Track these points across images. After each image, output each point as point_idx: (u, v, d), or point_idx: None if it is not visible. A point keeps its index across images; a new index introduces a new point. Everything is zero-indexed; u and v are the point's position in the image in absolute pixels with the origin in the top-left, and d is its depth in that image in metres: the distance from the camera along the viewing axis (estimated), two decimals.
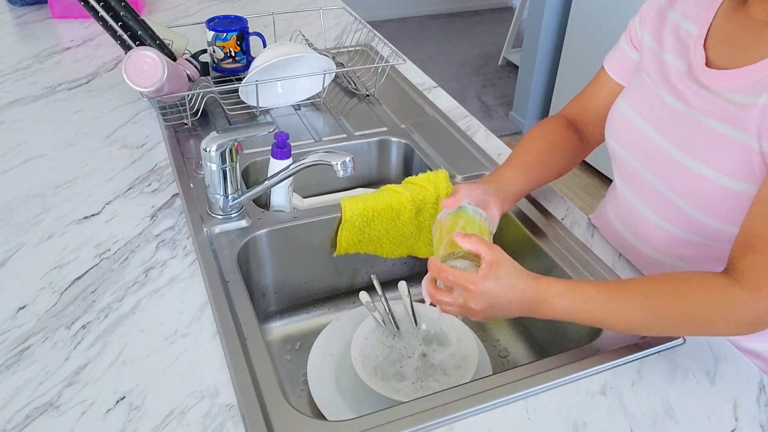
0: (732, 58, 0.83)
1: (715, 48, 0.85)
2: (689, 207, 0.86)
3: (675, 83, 0.89)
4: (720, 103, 0.82)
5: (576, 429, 0.73)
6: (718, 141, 0.81)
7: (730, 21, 0.85)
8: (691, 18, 0.89)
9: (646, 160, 0.92)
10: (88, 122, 1.28)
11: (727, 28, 0.85)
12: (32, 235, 0.98)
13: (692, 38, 0.88)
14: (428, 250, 1.15)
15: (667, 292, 0.77)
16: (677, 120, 0.87)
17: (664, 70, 0.91)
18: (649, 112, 0.92)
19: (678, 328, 0.80)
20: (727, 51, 0.84)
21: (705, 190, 0.83)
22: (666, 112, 0.89)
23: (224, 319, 0.84)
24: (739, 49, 0.82)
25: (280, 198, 1.11)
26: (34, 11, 1.80)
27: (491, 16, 4.89)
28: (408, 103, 1.42)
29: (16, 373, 0.76)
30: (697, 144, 0.84)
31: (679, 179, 0.86)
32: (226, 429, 0.71)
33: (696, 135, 0.84)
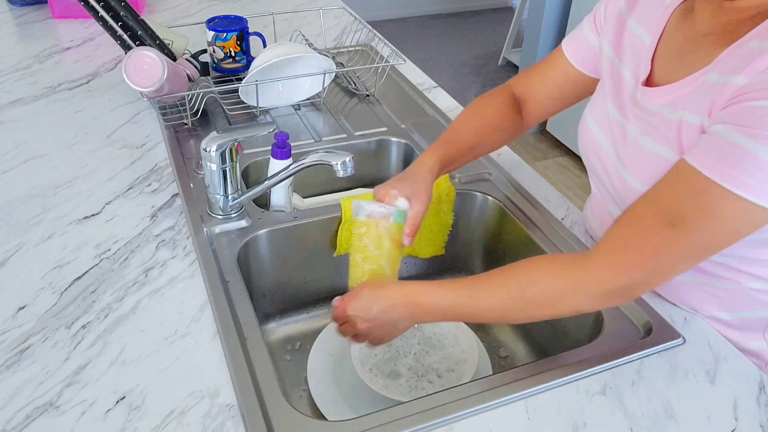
0: (669, 72, 0.81)
1: (661, 61, 0.83)
2: None
3: (620, 96, 0.87)
4: (650, 119, 0.81)
5: (576, 429, 0.73)
6: (648, 157, 0.80)
7: (677, 32, 0.82)
8: (645, 25, 0.86)
9: (605, 174, 0.91)
10: (88, 122, 1.28)
11: (674, 38, 0.82)
12: (32, 235, 0.98)
13: (644, 48, 0.85)
14: (428, 250, 1.16)
15: (513, 278, 0.77)
16: (619, 133, 0.86)
17: (617, 81, 0.89)
18: (602, 121, 0.91)
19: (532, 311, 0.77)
20: (668, 64, 0.82)
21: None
22: (610, 124, 0.89)
23: (224, 319, 0.84)
24: (676, 62, 0.80)
25: (280, 198, 1.11)
26: (34, 11, 1.80)
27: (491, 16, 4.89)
28: (408, 103, 1.43)
29: (16, 373, 0.76)
30: (632, 159, 0.83)
31: (622, 192, 0.86)
32: (226, 429, 0.71)
33: (631, 150, 0.83)
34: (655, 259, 0.70)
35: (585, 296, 0.73)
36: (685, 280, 0.88)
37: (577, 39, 0.99)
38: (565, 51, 1.00)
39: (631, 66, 0.87)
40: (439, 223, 1.14)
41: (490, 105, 1.04)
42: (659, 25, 0.84)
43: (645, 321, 0.87)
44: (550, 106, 1.04)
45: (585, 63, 0.98)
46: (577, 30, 1.00)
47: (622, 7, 0.91)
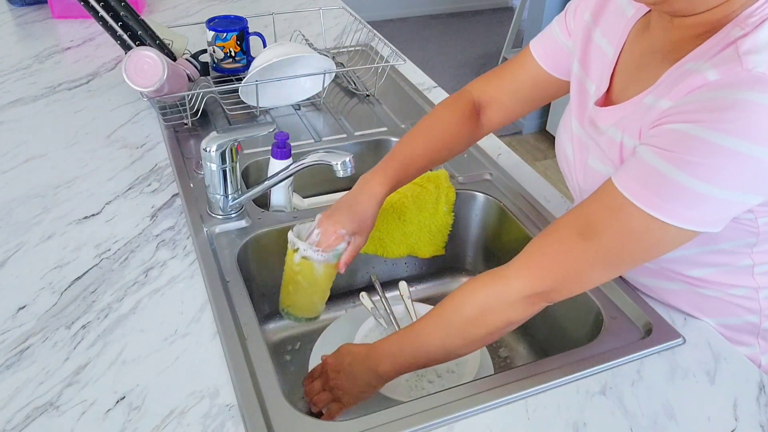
0: (625, 89, 0.80)
1: (619, 76, 0.82)
2: None
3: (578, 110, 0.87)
4: (598, 138, 0.81)
5: (576, 429, 0.73)
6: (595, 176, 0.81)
7: (635, 46, 0.80)
8: (609, 37, 0.84)
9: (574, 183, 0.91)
10: (88, 122, 1.28)
11: (633, 52, 0.80)
12: (32, 235, 0.98)
13: (607, 61, 0.83)
14: (428, 250, 1.16)
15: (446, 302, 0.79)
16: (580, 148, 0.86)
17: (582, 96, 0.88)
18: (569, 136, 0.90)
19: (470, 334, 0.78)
20: (625, 80, 0.80)
21: None
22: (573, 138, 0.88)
23: (224, 319, 0.84)
24: (632, 78, 0.79)
25: (280, 198, 1.11)
26: (34, 11, 1.80)
27: (491, 16, 4.89)
28: (408, 103, 1.42)
29: (16, 373, 0.76)
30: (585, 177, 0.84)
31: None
32: (226, 429, 0.71)
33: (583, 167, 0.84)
34: (564, 267, 0.72)
35: (508, 305, 0.75)
36: (674, 289, 0.88)
37: (546, 41, 0.95)
38: (534, 53, 0.96)
39: (596, 80, 0.85)
40: (439, 223, 1.14)
41: (445, 119, 1.00)
42: (621, 38, 0.82)
43: (645, 321, 0.87)
44: (517, 109, 1.00)
45: (555, 65, 0.95)
46: (547, 31, 0.97)
47: (587, 19, 0.88)
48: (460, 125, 1.00)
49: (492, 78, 1.02)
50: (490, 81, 1.02)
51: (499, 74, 1.01)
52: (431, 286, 1.21)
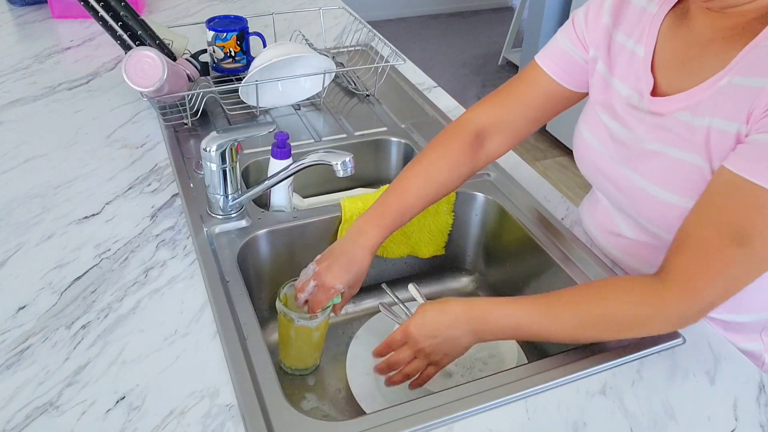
0: (678, 80, 0.80)
1: (663, 70, 0.82)
2: (656, 228, 0.85)
3: (620, 112, 0.86)
4: (668, 125, 0.80)
5: (576, 429, 0.73)
6: (671, 164, 0.80)
7: (674, 40, 0.81)
8: (635, 37, 0.85)
9: (609, 184, 0.90)
10: (88, 122, 1.28)
11: (672, 47, 0.81)
12: (32, 235, 0.98)
13: (640, 61, 0.84)
14: (428, 250, 1.16)
15: (588, 299, 0.77)
16: (628, 146, 0.85)
17: (611, 97, 0.88)
18: (603, 137, 0.89)
19: (607, 333, 0.78)
20: (674, 73, 0.81)
21: (669, 213, 0.81)
22: (613, 138, 0.87)
23: (224, 319, 0.84)
24: (684, 69, 0.80)
25: (280, 198, 1.11)
26: (34, 11, 1.80)
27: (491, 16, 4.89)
28: (408, 103, 1.42)
29: (16, 373, 0.76)
30: (653, 169, 0.82)
31: (642, 204, 0.85)
32: (226, 429, 0.71)
33: (650, 160, 0.82)
34: (726, 280, 0.71)
35: (663, 323, 0.75)
36: None
37: (555, 54, 0.94)
38: (545, 68, 0.95)
39: (628, 79, 0.85)
40: (439, 223, 1.14)
41: (440, 159, 0.96)
42: (651, 35, 0.83)
43: None
44: (525, 131, 0.98)
45: (569, 78, 0.94)
46: (553, 45, 0.95)
47: (606, 22, 0.89)
48: (457, 164, 0.96)
49: (496, 103, 0.99)
50: (494, 106, 0.98)
51: (504, 97, 0.98)
52: (431, 286, 1.21)
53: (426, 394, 0.77)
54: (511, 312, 0.79)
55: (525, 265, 1.08)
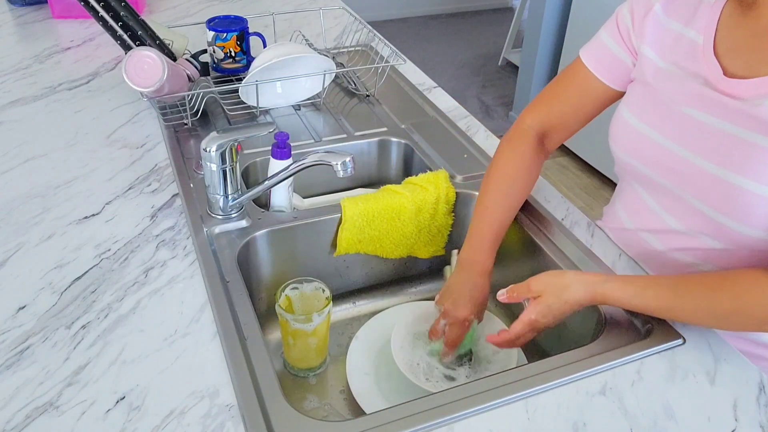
0: (749, 66, 0.80)
1: (728, 57, 0.82)
2: (723, 217, 0.83)
3: (693, 96, 0.85)
4: (750, 111, 0.78)
5: (576, 429, 0.73)
6: (753, 151, 0.78)
7: (737, 28, 0.82)
8: (693, 26, 0.86)
9: (666, 173, 0.88)
10: (88, 122, 1.28)
11: (736, 35, 0.82)
12: (32, 235, 0.98)
13: (699, 48, 0.84)
14: (428, 251, 1.16)
15: (723, 293, 0.78)
16: (703, 133, 0.83)
17: (679, 83, 0.87)
18: (666, 125, 0.87)
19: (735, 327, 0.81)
20: (742, 59, 0.81)
21: (744, 201, 0.80)
22: (687, 125, 0.85)
23: (224, 319, 0.84)
24: (755, 56, 0.79)
25: (280, 198, 1.11)
26: (34, 11, 1.80)
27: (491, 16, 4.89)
28: (408, 103, 1.43)
29: (16, 373, 0.76)
30: (732, 156, 0.80)
31: (712, 192, 0.83)
32: (226, 429, 0.71)
33: (729, 148, 0.80)
34: None
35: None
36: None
37: (600, 53, 0.96)
38: (590, 67, 0.97)
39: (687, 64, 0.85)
40: (438, 224, 1.14)
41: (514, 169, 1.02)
42: (710, 24, 0.84)
43: (645, 321, 0.87)
44: (578, 127, 1.02)
45: (613, 77, 0.96)
46: (596, 42, 0.97)
47: (658, 11, 0.90)
48: (529, 170, 1.02)
49: (547, 104, 1.03)
50: (546, 107, 1.03)
51: (552, 97, 1.02)
52: (431, 286, 1.21)
53: (426, 394, 0.77)
54: (634, 293, 0.81)
55: (525, 265, 1.08)
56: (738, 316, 0.77)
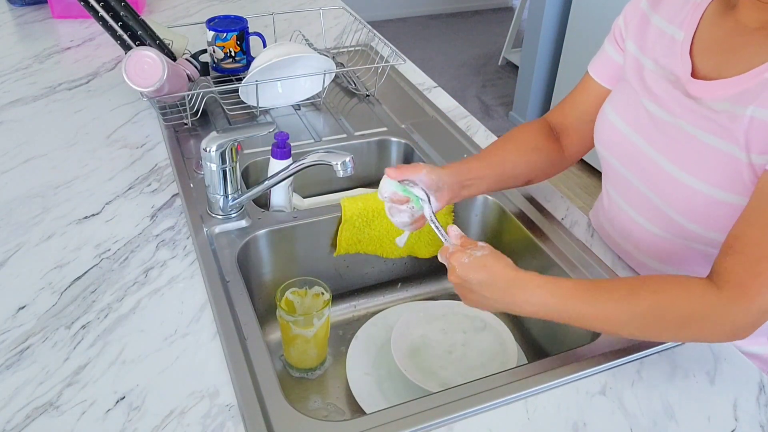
0: (719, 67, 0.80)
1: (702, 55, 0.83)
2: (681, 218, 0.84)
3: (658, 92, 0.86)
4: (707, 113, 0.79)
5: (576, 429, 0.73)
6: (706, 152, 0.79)
7: (716, 27, 0.82)
8: (676, 23, 0.86)
9: (635, 169, 0.90)
10: (88, 122, 1.28)
11: (714, 34, 0.82)
12: (32, 235, 0.98)
13: (678, 45, 0.85)
14: (428, 251, 1.16)
15: (643, 292, 0.74)
16: (663, 130, 0.85)
17: (647, 78, 0.88)
18: (635, 120, 0.89)
19: (653, 330, 0.75)
20: (714, 59, 0.81)
21: (696, 201, 0.81)
22: (650, 121, 0.87)
23: (224, 319, 0.84)
24: (726, 56, 0.80)
25: (280, 198, 1.11)
26: (34, 11, 1.80)
27: (491, 16, 4.89)
28: (408, 103, 1.43)
29: (16, 373, 0.76)
30: (685, 155, 0.82)
31: (669, 190, 0.84)
32: (226, 429, 0.71)
33: (683, 145, 0.82)
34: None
35: (715, 327, 0.72)
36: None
37: (601, 59, 0.99)
38: (592, 72, 1.00)
39: (663, 60, 0.86)
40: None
41: (521, 131, 1.03)
42: (692, 21, 0.84)
43: None
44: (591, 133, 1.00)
45: (613, 80, 0.97)
46: (600, 51, 1.00)
47: (644, 7, 0.91)
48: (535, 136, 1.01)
49: (560, 106, 1.05)
50: (562, 108, 1.05)
51: (568, 101, 1.04)
52: (431, 286, 1.21)
53: (426, 394, 0.77)
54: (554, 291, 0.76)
55: (525, 265, 1.07)
56: (652, 315, 0.72)
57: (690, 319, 0.72)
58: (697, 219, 0.82)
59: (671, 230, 0.88)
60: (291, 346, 0.96)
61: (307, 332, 0.93)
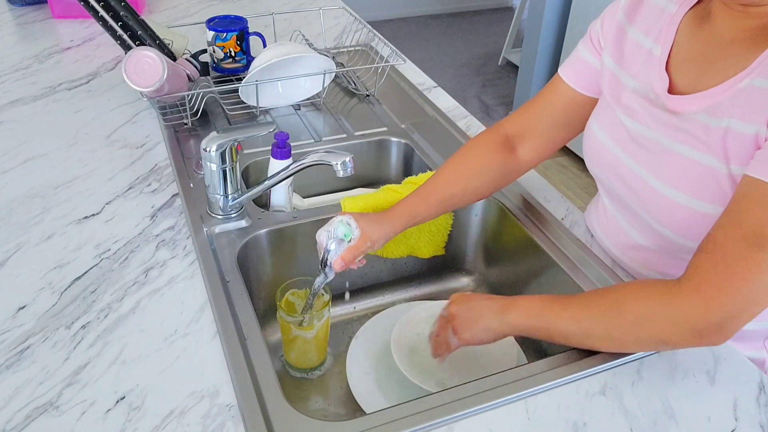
0: (696, 80, 0.79)
1: (679, 70, 0.82)
2: (667, 230, 0.84)
3: (636, 108, 0.85)
4: (684, 126, 0.79)
5: (576, 429, 0.73)
6: (685, 165, 0.79)
7: (693, 39, 0.81)
8: (652, 36, 0.85)
9: (620, 183, 0.90)
10: (88, 122, 1.28)
11: (690, 47, 0.81)
12: (32, 235, 0.98)
13: (655, 60, 0.84)
14: (428, 250, 1.16)
15: (603, 300, 0.76)
16: (643, 144, 0.85)
17: (624, 94, 0.88)
18: (619, 137, 0.89)
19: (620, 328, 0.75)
20: (691, 73, 0.80)
21: (678, 214, 0.81)
22: (629, 136, 0.86)
23: (224, 319, 0.84)
24: (702, 69, 0.79)
25: (280, 198, 1.11)
26: (34, 11, 1.80)
27: (491, 16, 4.89)
28: (408, 103, 1.43)
29: (16, 373, 0.76)
30: (666, 168, 0.81)
31: (653, 203, 0.84)
32: (226, 429, 0.71)
33: (664, 159, 0.82)
34: (745, 285, 0.67)
35: (673, 325, 0.71)
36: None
37: (574, 63, 0.97)
38: (564, 77, 0.98)
39: (642, 77, 0.85)
40: (438, 224, 1.14)
41: (469, 152, 1.00)
42: (668, 35, 0.83)
43: None
44: (554, 136, 1.00)
45: (587, 85, 0.96)
46: (573, 55, 0.98)
47: (620, 18, 0.89)
48: (486, 157, 0.99)
49: (525, 110, 1.02)
50: (523, 113, 1.02)
51: (532, 104, 1.02)
52: (431, 286, 1.21)
53: (426, 394, 0.77)
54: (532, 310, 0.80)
55: (525, 266, 1.08)
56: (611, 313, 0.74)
57: (647, 316, 0.72)
58: (682, 231, 0.82)
59: (659, 243, 0.88)
60: (291, 347, 0.96)
61: (308, 333, 0.93)
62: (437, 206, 0.97)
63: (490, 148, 1.00)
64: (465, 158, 1.00)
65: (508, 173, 1.01)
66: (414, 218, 0.95)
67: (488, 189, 1.01)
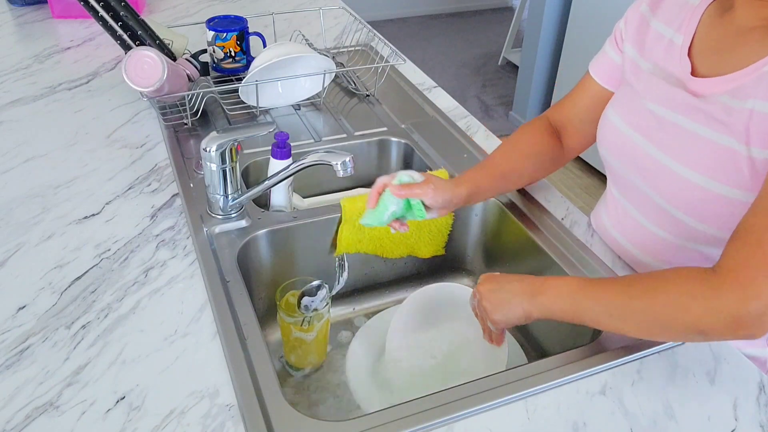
0: (717, 65, 0.81)
1: (700, 56, 0.84)
2: (681, 214, 0.85)
3: (658, 92, 0.87)
4: (706, 108, 0.80)
5: (576, 429, 0.73)
6: (704, 146, 0.80)
7: (714, 29, 0.84)
8: (675, 26, 0.88)
9: (638, 170, 0.91)
10: (88, 122, 1.28)
11: (712, 36, 0.84)
12: (32, 235, 0.98)
13: (677, 48, 0.86)
14: (428, 250, 1.16)
15: (638, 285, 0.73)
16: (664, 128, 0.86)
17: (646, 79, 0.90)
18: (638, 121, 0.90)
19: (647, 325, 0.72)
20: (712, 58, 0.83)
21: (695, 196, 0.82)
22: (651, 120, 0.88)
23: (224, 319, 0.84)
24: (724, 55, 0.81)
25: (280, 198, 1.11)
26: (34, 11, 1.80)
27: (491, 16, 4.89)
28: (408, 103, 1.42)
29: (16, 373, 0.76)
30: (685, 149, 0.83)
31: (669, 185, 0.85)
32: (226, 429, 0.71)
33: (683, 141, 0.83)
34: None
35: (713, 318, 0.67)
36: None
37: (601, 60, 1.01)
38: (592, 73, 1.02)
39: (662, 62, 0.88)
40: (438, 224, 1.14)
41: (524, 134, 1.05)
42: (691, 25, 0.86)
43: None
44: (590, 131, 1.02)
45: (613, 81, 0.99)
46: (601, 52, 1.02)
47: (643, 10, 0.93)
48: (537, 139, 1.04)
49: (560, 103, 1.07)
50: (559, 107, 1.07)
51: (566, 99, 1.07)
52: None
53: (426, 394, 0.77)
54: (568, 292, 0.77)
55: (525, 265, 1.08)
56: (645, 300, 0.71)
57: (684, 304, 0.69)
58: (697, 213, 0.83)
59: (673, 230, 0.89)
60: (291, 347, 0.96)
61: (308, 335, 0.93)
62: (499, 179, 1.01)
63: (542, 133, 1.05)
64: (522, 138, 1.05)
65: (556, 159, 1.06)
66: (478, 188, 0.97)
67: (539, 171, 1.06)
